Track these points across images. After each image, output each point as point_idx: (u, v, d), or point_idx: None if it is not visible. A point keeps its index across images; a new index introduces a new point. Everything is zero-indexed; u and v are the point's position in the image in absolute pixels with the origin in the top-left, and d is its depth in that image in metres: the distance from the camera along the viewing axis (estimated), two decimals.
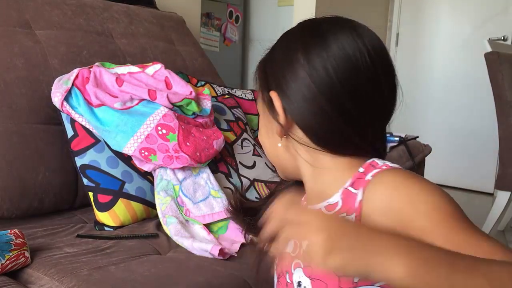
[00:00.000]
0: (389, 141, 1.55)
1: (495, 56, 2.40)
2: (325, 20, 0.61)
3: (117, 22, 1.63)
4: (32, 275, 0.96)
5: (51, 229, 1.16)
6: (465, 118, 3.68)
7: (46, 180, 1.23)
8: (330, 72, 0.56)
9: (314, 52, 0.57)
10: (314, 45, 0.58)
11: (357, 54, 0.56)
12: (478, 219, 2.79)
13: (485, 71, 2.47)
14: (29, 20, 1.39)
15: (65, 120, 1.24)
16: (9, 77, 1.25)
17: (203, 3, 2.61)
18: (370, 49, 0.57)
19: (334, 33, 0.58)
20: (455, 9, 3.69)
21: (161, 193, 1.20)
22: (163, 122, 1.22)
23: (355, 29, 0.59)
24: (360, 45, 0.57)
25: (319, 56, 0.57)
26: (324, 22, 0.60)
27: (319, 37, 0.58)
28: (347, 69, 0.57)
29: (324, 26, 0.59)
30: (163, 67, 1.33)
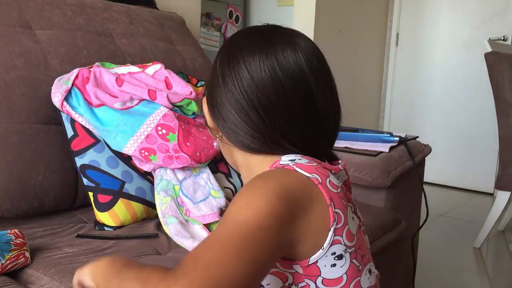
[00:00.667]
0: (389, 141, 1.56)
1: (495, 56, 2.40)
2: (243, 44, 0.66)
3: (117, 22, 1.63)
4: (32, 275, 0.97)
5: (51, 229, 1.16)
6: (465, 118, 3.68)
7: (46, 180, 1.23)
8: (240, 95, 0.63)
9: (228, 79, 0.65)
10: (229, 72, 0.65)
11: (266, 82, 0.62)
12: (478, 219, 2.80)
13: (485, 71, 2.47)
14: (29, 20, 1.39)
15: (65, 120, 1.24)
16: (9, 77, 1.25)
17: (203, 3, 2.61)
18: (281, 76, 0.62)
19: (247, 61, 0.64)
20: (455, 9, 3.69)
21: (161, 193, 1.20)
22: (163, 122, 1.22)
23: (270, 52, 0.64)
24: (270, 72, 0.63)
25: (233, 83, 0.64)
26: (242, 47, 0.66)
27: (234, 63, 0.65)
28: (255, 92, 0.63)
29: (241, 52, 0.65)
30: (163, 67, 1.33)
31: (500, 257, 2.56)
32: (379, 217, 1.37)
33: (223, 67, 0.66)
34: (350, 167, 1.47)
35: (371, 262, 0.63)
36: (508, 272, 2.31)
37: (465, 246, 2.52)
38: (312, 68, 0.65)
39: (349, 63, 3.60)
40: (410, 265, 1.62)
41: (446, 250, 2.48)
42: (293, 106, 0.62)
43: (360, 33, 3.67)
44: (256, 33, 0.67)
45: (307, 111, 0.63)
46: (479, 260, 2.42)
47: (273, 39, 0.65)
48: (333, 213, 0.56)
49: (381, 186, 1.45)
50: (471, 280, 2.19)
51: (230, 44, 0.68)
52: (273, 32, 0.67)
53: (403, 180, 1.51)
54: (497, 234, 2.74)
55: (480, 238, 2.50)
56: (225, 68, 0.65)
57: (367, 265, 0.61)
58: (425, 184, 1.73)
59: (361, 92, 3.81)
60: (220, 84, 0.65)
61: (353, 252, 0.58)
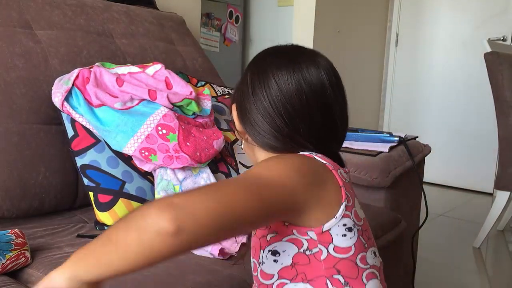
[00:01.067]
0: (389, 141, 1.56)
1: (494, 56, 2.41)
2: (271, 60, 0.75)
3: (117, 22, 1.63)
4: (33, 275, 0.97)
5: (51, 229, 1.17)
6: (465, 118, 3.68)
7: (46, 180, 1.23)
8: (269, 104, 0.72)
9: (258, 90, 0.73)
10: (259, 85, 0.74)
11: (293, 93, 0.71)
12: (477, 219, 2.80)
13: (485, 71, 2.47)
14: (29, 20, 1.40)
15: (66, 120, 1.24)
16: (9, 77, 1.25)
17: (203, 3, 2.61)
18: (306, 88, 0.71)
19: (276, 75, 0.72)
20: (455, 9, 3.69)
21: (161, 193, 1.20)
22: (163, 122, 1.22)
23: (296, 68, 0.72)
24: (297, 85, 0.71)
25: (262, 93, 0.73)
26: (271, 63, 0.74)
27: (265, 76, 0.73)
28: (282, 101, 0.71)
29: (270, 67, 0.74)
30: (163, 67, 1.33)
31: (499, 257, 2.56)
32: (379, 217, 1.37)
33: (253, 79, 0.75)
34: (350, 167, 1.47)
35: (375, 247, 0.70)
36: (508, 272, 2.31)
37: (464, 246, 2.52)
38: (331, 83, 0.74)
39: (349, 63, 3.60)
40: (410, 265, 1.62)
41: (446, 250, 2.48)
42: (313, 114, 0.71)
43: (360, 33, 3.67)
44: (283, 51, 0.77)
45: (325, 119, 0.73)
46: (478, 260, 2.43)
47: (298, 58, 0.74)
48: (345, 193, 0.64)
49: (381, 186, 1.45)
50: (470, 280, 2.19)
51: (259, 60, 0.78)
52: (298, 51, 0.76)
53: (403, 180, 1.52)
54: (496, 234, 2.74)
55: (479, 238, 2.50)
56: (255, 81, 0.74)
57: (372, 247, 0.68)
58: (425, 184, 1.73)
59: (361, 92, 3.81)
60: (251, 94, 0.74)
61: (360, 230, 0.65)
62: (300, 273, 0.62)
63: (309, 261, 0.62)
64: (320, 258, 0.62)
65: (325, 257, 0.62)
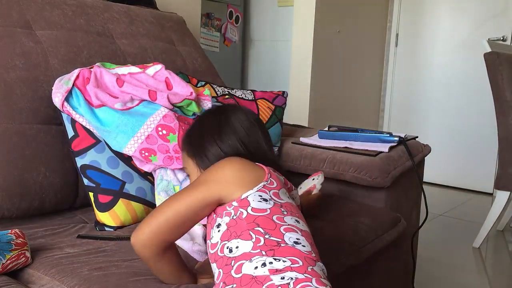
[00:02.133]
0: (389, 141, 1.56)
1: (494, 56, 2.41)
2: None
3: (118, 22, 1.63)
4: (33, 275, 0.97)
5: (51, 229, 1.17)
6: (464, 118, 3.68)
7: (46, 180, 1.23)
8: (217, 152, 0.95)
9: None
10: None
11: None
12: (477, 219, 2.80)
13: (485, 71, 2.47)
14: (29, 20, 1.40)
15: (66, 121, 1.24)
16: (9, 77, 1.25)
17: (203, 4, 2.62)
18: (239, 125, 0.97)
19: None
20: (454, 9, 3.69)
21: (162, 194, 1.20)
22: (164, 122, 1.22)
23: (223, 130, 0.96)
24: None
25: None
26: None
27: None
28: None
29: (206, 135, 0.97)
30: (164, 68, 1.33)
31: (499, 256, 2.56)
32: (379, 217, 1.37)
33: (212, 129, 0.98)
34: (350, 167, 1.47)
35: (301, 221, 0.84)
36: (508, 272, 2.32)
37: (464, 246, 2.52)
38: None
39: (349, 63, 3.60)
40: (409, 265, 1.62)
41: (446, 250, 2.48)
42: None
43: (360, 33, 3.67)
44: (215, 113, 1.02)
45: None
46: (478, 259, 2.43)
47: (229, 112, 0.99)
48: (268, 178, 0.84)
49: (381, 186, 1.45)
50: (470, 279, 2.20)
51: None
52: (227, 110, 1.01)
53: (402, 180, 1.52)
54: (496, 234, 2.74)
55: (479, 238, 2.50)
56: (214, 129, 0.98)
57: (294, 217, 0.83)
58: (425, 184, 1.73)
59: (360, 92, 3.81)
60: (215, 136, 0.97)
61: (277, 203, 0.82)
62: (232, 232, 0.79)
63: (236, 222, 0.79)
64: (242, 217, 0.79)
65: (246, 215, 0.79)
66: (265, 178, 0.84)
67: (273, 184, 0.85)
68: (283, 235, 0.78)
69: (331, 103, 3.44)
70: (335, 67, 3.48)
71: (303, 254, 0.76)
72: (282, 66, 3.86)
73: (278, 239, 0.77)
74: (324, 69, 3.36)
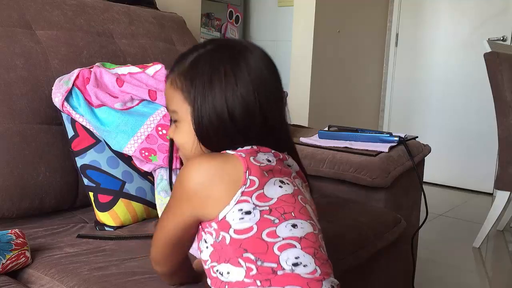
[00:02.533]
0: (389, 141, 1.56)
1: (494, 57, 2.41)
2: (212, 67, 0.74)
3: (118, 22, 1.63)
4: (33, 275, 0.97)
5: (51, 229, 1.17)
6: (464, 118, 3.68)
7: (46, 180, 1.23)
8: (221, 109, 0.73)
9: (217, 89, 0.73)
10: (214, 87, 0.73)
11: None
12: (477, 219, 2.80)
13: (485, 71, 2.47)
14: (29, 20, 1.40)
15: (66, 120, 1.25)
16: (9, 77, 1.25)
17: (203, 4, 2.61)
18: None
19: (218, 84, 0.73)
20: (455, 9, 3.69)
21: (162, 193, 1.20)
22: (164, 122, 1.22)
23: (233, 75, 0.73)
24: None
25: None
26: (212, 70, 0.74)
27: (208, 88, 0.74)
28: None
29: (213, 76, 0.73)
30: (164, 68, 1.33)
31: (499, 256, 2.56)
32: (379, 217, 1.37)
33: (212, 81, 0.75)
34: (350, 167, 1.47)
35: (300, 219, 0.71)
36: (508, 272, 2.32)
37: (464, 246, 2.52)
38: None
39: (349, 63, 3.60)
40: (409, 265, 1.62)
41: (446, 250, 2.48)
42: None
43: (360, 33, 3.67)
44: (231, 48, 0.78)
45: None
46: (478, 260, 2.43)
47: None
48: (245, 179, 0.68)
49: (381, 186, 1.45)
50: (470, 280, 2.20)
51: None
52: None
53: (402, 180, 1.52)
54: (496, 234, 2.74)
55: (479, 238, 2.50)
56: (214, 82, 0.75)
57: (289, 220, 0.70)
58: (425, 184, 1.73)
59: (361, 92, 3.81)
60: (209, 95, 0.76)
61: (265, 210, 0.69)
62: (221, 255, 0.69)
63: (222, 247, 0.69)
64: (226, 242, 0.68)
65: (229, 241, 0.68)
66: (242, 180, 0.69)
67: (254, 184, 0.69)
68: (278, 258, 0.67)
69: (331, 103, 3.44)
70: (335, 67, 3.48)
71: (305, 280, 0.67)
72: (282, 66, 3.85)
73: (273, 264, 0.66)
74: (324, 69, 3.36)
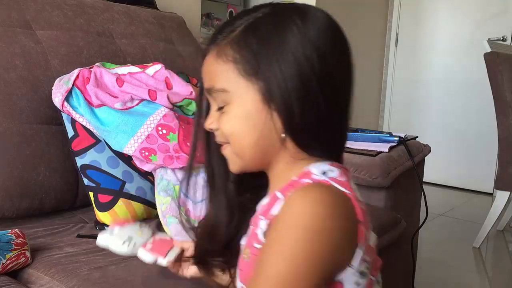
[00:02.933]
0: (389, 141, 1.56)
1: (494, 57, 2.41)
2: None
3: (118, 22, 1.63)
4: (33, 275, 0.97)
5: (51, 229, 1.17)
6: (464, 118, 3.68)
7: (46, 180, 1.23)
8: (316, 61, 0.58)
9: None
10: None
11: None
12: (477, 219, 2.80)
13: (485, 71, 2.47)
14: (29, 20, 1.40)
15: (66, 120, 1.24)
16: (9, 77, 1.25)
17: (203, 3, 2.61)
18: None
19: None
20: (455, 9, 3.69)
21: (162, 193, 1.20)
22: (164, 122, 1.22)
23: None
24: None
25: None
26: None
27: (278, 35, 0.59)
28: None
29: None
30: (164, 67, 1.33)
31: (499, 256, 2.56)
32: (379, 217, 1.37)
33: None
34: (350, 167, 1.47)
35: (377, 272, 0.63)
36: (508, 272, 2.32)
37: (464, 246, 2.52)
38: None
39: None
40: (409, 265, 1.62)
41: (446, 250, 2.48)
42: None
43: (360, 33, 3.67)
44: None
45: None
46: (478, 259, 2.43)
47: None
48: (363, 231, 0.55)
49: (381, 186, 1.45)
50: (470, 279, 2.20)
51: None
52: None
53: (402, 180, 1.52)
54: (496, 234, 2.74)
55: (479, 238, 2.50)
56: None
57: (379, 275, 0.62)
58: (425, 184, 1.73)
59: (361, 92, 3.80)
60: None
61: (370, 267, 0.58)
62: None
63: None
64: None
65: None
66: (360, 236, 0.55)
67: (368, 238, 0.57)
68: None
69: None
70: None
71: None
72: None
73: None
74: None
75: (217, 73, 0.60)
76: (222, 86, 0.59)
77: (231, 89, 0.59)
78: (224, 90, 0.59)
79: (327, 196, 0.55)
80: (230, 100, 0.59)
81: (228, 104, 0.60)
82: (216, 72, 0.60)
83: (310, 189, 0.56)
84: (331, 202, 0.54)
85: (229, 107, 0.60)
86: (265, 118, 0.57)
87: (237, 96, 0.58)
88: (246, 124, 0.59)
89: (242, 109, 0.59)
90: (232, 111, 0.59)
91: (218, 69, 0.60)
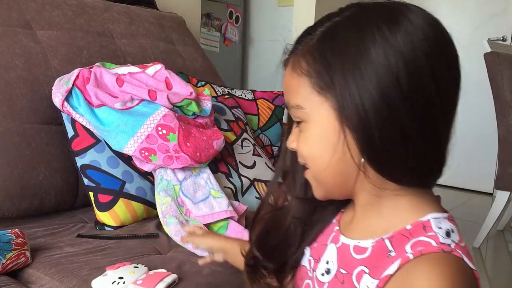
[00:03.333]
0: None
1: (494, 57, 2.41)
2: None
3: (118, 22, 1.63)
4: (33, 274, 0.97)
5: (51, 229, 1.17)
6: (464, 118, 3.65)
7: (46, 180, 1.23)
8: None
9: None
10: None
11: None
12: (477, 219, 2.80)
13: (485, 71, 2.47)
14: (29, 20, 1.40)
15: (66, 120, 1.24)
16: (9, 77, 1.25)
17: (203, 4, 2.61)
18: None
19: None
20: (454, 9, 3.69)
21: (161, 193, 1.20)
22: (163, 122, 1.22)
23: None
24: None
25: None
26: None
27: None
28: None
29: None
30: (164, 68, 1.33)
31: (499, 256, 2.56)
32: None
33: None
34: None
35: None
36: (508, 272, 2.32)
37: None
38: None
39: None
40: None
41: None
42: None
43: None
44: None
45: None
46: (478, 259, 2.43)
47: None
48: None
49: None
50: None
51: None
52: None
53: None
54: (496, 234, 2.74)
55: (479, 237, 2.50)
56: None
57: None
58: None
59: None
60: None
61: None
62: None
63: None
64: None
65: None
66: None
67: None
68: None
69: None
70: None
71: None
72: (282, 66, 3.85)
73: None
74: None
75: (292, 88, 0.56)
76: (297, 102, 0.55)
77: (305, 105, 0.54)
78: (298, 107, 0.55)
79: (459, 276, 0.48)
80: (306, 117, 0.54)
81: (304, 121, 0.55)
82: (292, 87, 0.56)
83: (441, 263, 0.48)
84: (462, 285, 0.48)
85: (305, 126, 0.55)
86: (341, 139, 0.51)
87: (312, 114, 0.53)
88: (321, 145, 0.53)
89: (317, 128, 0.53)
90: (308, 130, 0.55)
91: (293, 83, 0.55)
